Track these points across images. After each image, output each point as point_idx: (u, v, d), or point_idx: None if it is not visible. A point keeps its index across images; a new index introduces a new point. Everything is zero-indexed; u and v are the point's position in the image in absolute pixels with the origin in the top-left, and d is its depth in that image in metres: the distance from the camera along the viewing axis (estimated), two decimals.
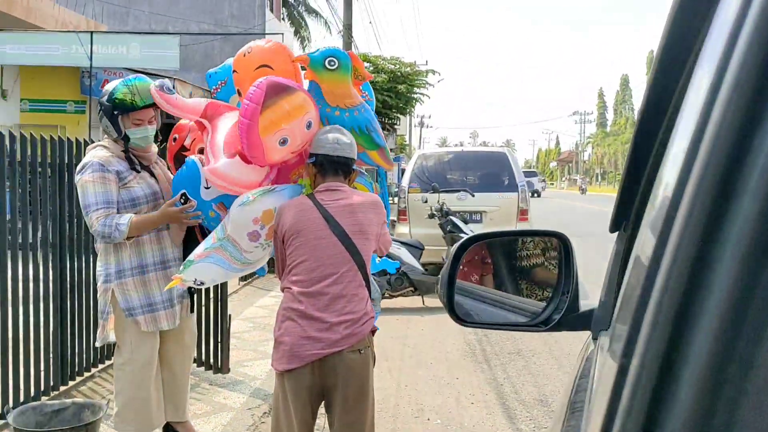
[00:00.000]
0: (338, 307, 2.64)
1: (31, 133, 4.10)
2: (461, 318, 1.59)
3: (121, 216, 3.26)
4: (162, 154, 3.88)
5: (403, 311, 7.80)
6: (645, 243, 0.67)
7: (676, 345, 0.50)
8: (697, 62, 0.68)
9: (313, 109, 2.94)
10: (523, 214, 9.25)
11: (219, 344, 4.96)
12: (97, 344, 3.61)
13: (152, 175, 3.50)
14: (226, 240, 2.99)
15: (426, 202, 9.00)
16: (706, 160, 0.50)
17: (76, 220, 4.45)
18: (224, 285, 4.96)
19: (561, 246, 1.57)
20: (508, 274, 1.90)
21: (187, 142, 3.51)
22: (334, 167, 2.83)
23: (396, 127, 26.08)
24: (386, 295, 7.56)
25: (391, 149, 21.22)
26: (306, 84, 3.16)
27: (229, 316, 5.04)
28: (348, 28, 19.66)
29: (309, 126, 2.93)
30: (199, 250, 3.06)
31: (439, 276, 1.70)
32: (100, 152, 3.36)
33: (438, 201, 8.82)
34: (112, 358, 3.58)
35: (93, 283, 4.22)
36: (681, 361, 0.50)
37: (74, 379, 4.55)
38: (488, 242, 1.85)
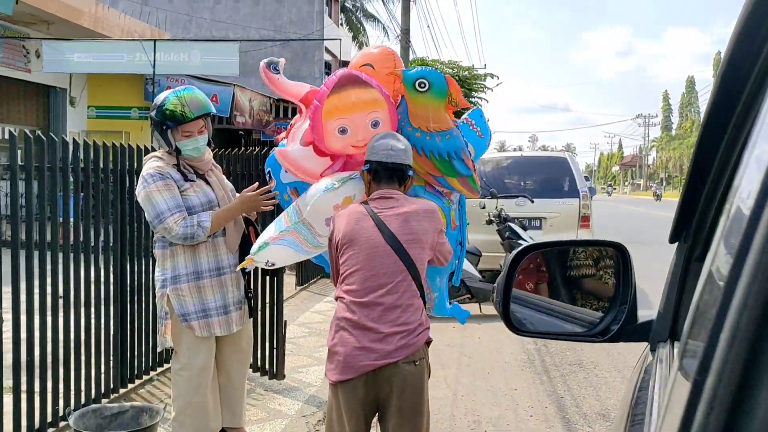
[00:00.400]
0: (392, 318, 2.58)
1: (94, 141, 4.19)
2: (517, 327, 1.60)
3: (199, 215, 3.30)
4: (219, 159, 3.90)
5: None
6: (719, 256, 0.64)
7: (753, 365, 0.49)
8: None
9: (384, 110, 2.96)
10: (584, 220, 8.99)
11: (275, 350, 4.96)
12: (159, 349, 3.65)
13: (207, 182, 3.50)
14: (301, 224, 3.05)
15: (484, 207, 8.85)
16: None
17: (136, 224, 4.53)
18: (280, 290, 4.97)
19: (619, 256, 1.56)
20: (563, 283, 1.87)
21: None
22: (388, 174, 2.79)
23: None
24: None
25: None
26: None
27: (285, 321, 5.04)
28: (406, 32, 19.64)
29: (375, 125, 2.96)
30: (271, 232, 3.12)
31: (495, 284, 1.71)
32: (155, 163, 3.38)
33: (496, 207, 8.67)
34: (170, 362, 3.60)
35: (152, 287, 4.27)
36: (758, 381, 0.49)
37: (133, 382, 4.63)
38: (544, 252, 1.83)
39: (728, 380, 0.50)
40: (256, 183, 3.34)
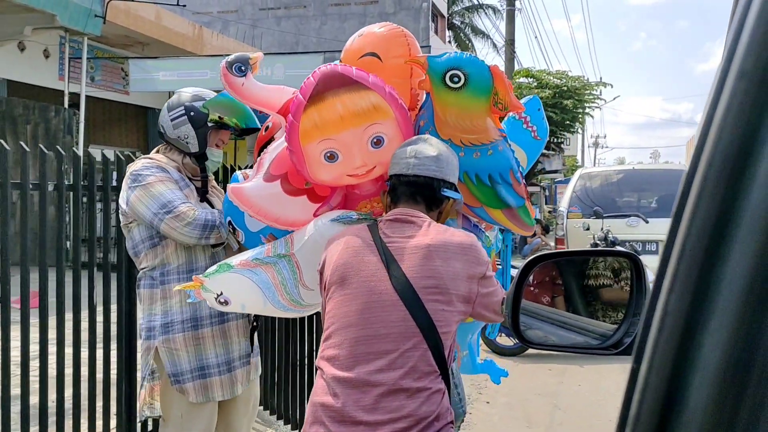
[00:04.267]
0: (394, 407, 1.67)
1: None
2: (528, 339, 1.63)
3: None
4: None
5: (558, 358, 6.58)
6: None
7: (686, 349, 0.49)
8: None
9: (389, 120, 2.00)
10: None
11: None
12: (140, 419, 2.85)
13: (210, 203, 2.79)
14: (286, 260, 2.15)
15: (588, 229, 7.72)
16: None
17: None
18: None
19: (632, 267, 1.56)
20: (580, 296, 1.88)
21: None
22: (409, 191, 1.91)
23: (564, 147, 24.44)
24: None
25: (556, 170, 19.83)
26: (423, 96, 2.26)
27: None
28: (510, 43, 18.61)
29: (378, 144, 2.01)
30: (245, 256, 2.25)
31: (504, 297, 1.73)
32: (147, 160, 2.73)
33: (602, 228, 7.52)
34: None
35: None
36: (690, 367, 0.48)
37: None
38: (559, 264, 1.90)
39: (659, 367, 0.50)
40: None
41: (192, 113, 2.67)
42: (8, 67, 11.07)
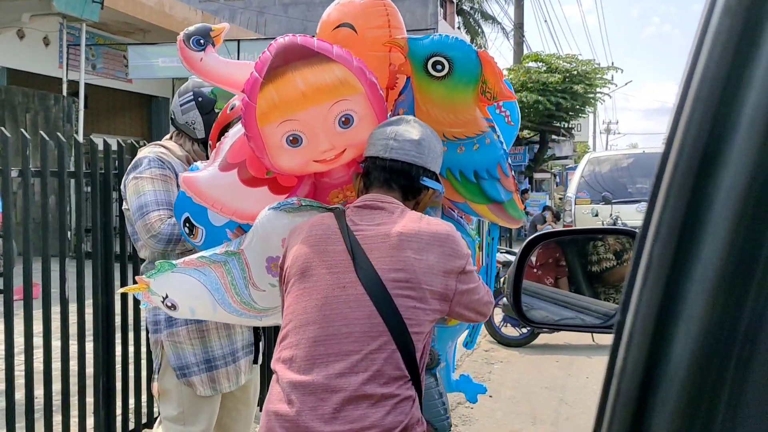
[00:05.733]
0: (355, 416, 1.47)
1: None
2: (529, 319, 1.64)
3: None
4: None
5: (565, 350, 6.38)
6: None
7: (659, 341, 0.49)
8: None
9: (357, 95, 1.77)
10: None
11: None
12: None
13: None
14: (236, 257, 1.92)
15: (597, 215, 7.50)
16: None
17: None
18: None
19: (633, 245, 1.32)
20: (584, 278, 1.87)
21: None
22: (384, 176, 1.71)
23: (575, 133, 24.08)
24: (545, 331, 6.23)
25: (567, 156, 19.55)
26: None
27: None
28: (519, 27, 18.31)
29: (347, 123, 1.79)
30: (192, 255, 2.03)
31: (506, 275, 1.74)
32: (156, 149, 2.61)
33: (611, 214, 7.30)
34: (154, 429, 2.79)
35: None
36: (664, 360, 0.48)
37: None
38: (562, 244, 1.91)
39: (644, 318, 0.49)
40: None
41: (200, 98, 2.62)
42: (8, 55, 10.92)
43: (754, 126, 0.46)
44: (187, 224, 2.16)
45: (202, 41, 2.06)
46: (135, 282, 2.17)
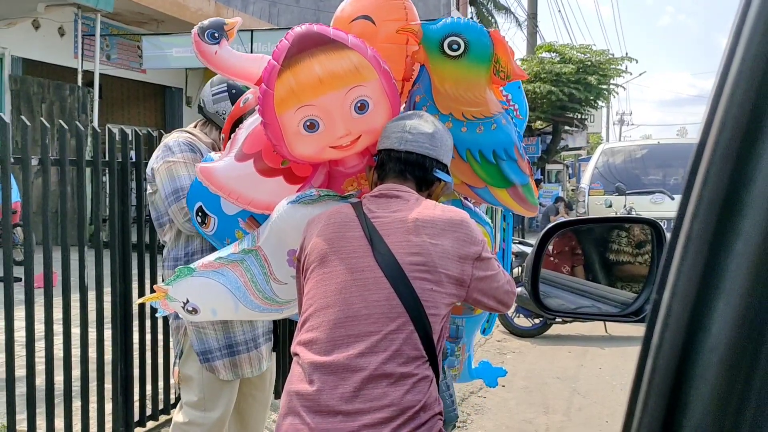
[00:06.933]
0: (374, 394, 1.50)
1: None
2: (547, 307, 1.65)
3: None
4: None
5: (578, 340, 6.38)
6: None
7: (699, 316, 0.49)
8: None
9: (372, 82, 1.82)
10: None
11: None
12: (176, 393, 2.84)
13: None
14: (253, 254, 1.97)
15: (610, 206, 7.47)
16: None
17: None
18: None
19: (653, 234, 1.61)
20: (600, 266, 1.88)
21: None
22: (399, 167, 1.75)
23: (589, 124, 23.93)
24: (558, 321, 6.24)
25: (580, 147, 19.40)
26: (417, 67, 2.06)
27: None
28: (532, 17, 18.18)
29: (362, 108, 1.83)
30: (209, 258, 2.07)
31: (525, 264, 1.76)
32: (184, 134, 2.66)
33: (625, 205, 7.26)
34: (174, 413, 2.83)
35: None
36: (704, 334, 0.48)
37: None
38: (579, 234, 1.91)
39: (684, 293, 0.50)
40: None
41: (234, 90, 2.66)
42: (23, 46, 10.98)
43: None
44: (200, 213, 2.21)
45: (216, 35, 2.09)
46: (152, 282, 2.21)
